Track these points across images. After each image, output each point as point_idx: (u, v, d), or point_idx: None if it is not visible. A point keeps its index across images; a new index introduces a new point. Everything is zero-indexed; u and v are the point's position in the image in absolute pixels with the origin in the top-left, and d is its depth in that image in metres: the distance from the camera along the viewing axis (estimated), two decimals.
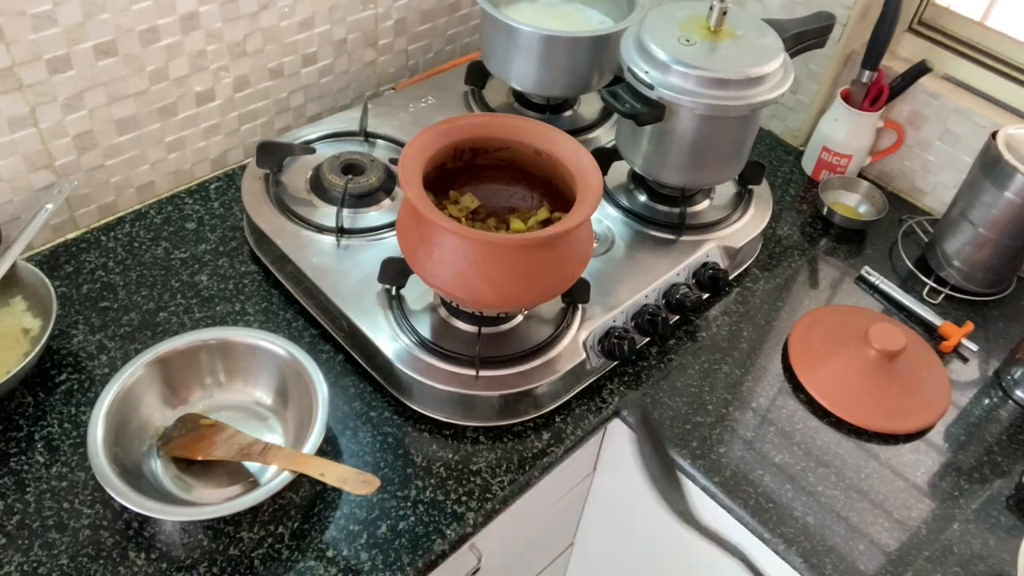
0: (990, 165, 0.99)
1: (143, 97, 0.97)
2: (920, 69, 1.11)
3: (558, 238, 0.76)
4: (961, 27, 1.15)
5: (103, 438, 0.74)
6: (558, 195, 0.88)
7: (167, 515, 0.72)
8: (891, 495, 0.86)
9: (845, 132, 1.17)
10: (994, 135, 1.00)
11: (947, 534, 0.83)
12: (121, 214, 1.04)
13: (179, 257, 0.99)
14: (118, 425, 0.76)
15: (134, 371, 0.79)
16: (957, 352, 1.01)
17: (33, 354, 0.81)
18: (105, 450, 0.73)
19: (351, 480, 0.72)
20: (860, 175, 1.22)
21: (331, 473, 0.72)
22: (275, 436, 0.83)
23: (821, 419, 0.92)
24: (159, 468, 0.79)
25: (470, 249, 0.76)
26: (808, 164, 1.23)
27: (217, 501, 0.77)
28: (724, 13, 0.93)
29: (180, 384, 0.83)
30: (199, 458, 0.78)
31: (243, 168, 1.09)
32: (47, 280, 0.86)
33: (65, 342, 0.90)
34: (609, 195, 1.06)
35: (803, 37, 1.01)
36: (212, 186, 1.09)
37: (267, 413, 0.85)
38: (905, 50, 1.19)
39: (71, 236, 1.00)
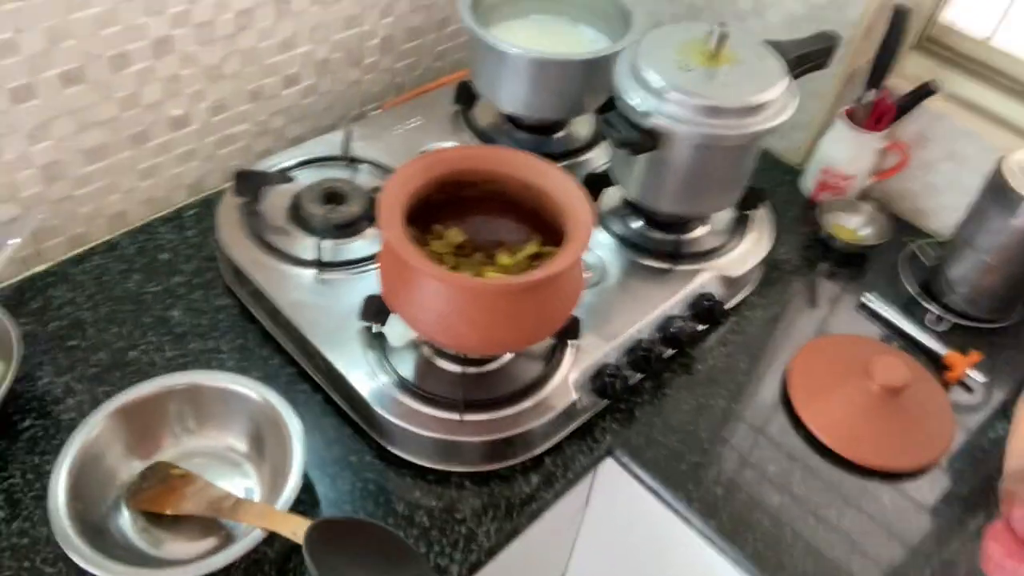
0: (997, 192, 0.96)
1: (114, 124, 0.93)
2: (926, 90, 1.07)
3: (546, 281, 0.71)
4: (968, 46, 1.11)
5: (65, 500, 0.69)
6: (548, 228, 0.84)
7: None
8: (895, 537, 0.82)
9: (847, 153, 1.13)
10: (1001, 161, 0.96)
11: None
12: (91, 245, 0.99)
13: (151, 291, 0.95)
14: (82, 480, 0.72)
15: (95, 424, 0.74)
16: (962, 383, 0.98)
17: None
18: (67, 510, 0.69)
19: None
20: (862, 196, 1.18)
21: (304, 533, 0.68)
22: (250, 482, 0.79)
23: (822, 456, 0.88)
24: (127, 522, 0.75)
25: (453, 294, 0.72)
26: (808, 185, 1.19)
27: (188, 557, 0.73)
28: (724, 37, 0.88)
29: (148, 433, 0.78)
30: (168, 512, 0.74)
31: (221, 193, 1.05)
32: (8, 323, 0.82)
33: (30, 385, 0.85)
34: (601, 221, 1.02)
35: (805, 59, 0.97)
36: (188, 213, 1.05)
37: (241, 460, 0.80)
38: (910, 69, 1.15)
39: (38, 270, 0.96)
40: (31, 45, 0.82)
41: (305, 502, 0.79)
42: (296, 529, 0.68)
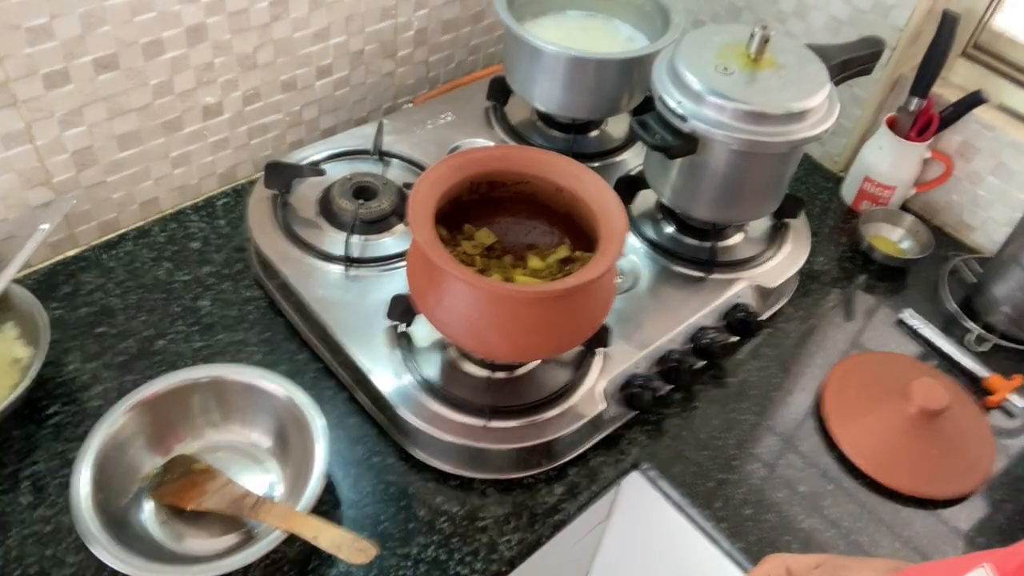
0: None
1: (146, 111, 0.92)
2: (974, 99, 1.03)
3: (578, 289, 0.70)
4: (1019, 53, 1.07)
5: (87, 492, 0.69)
6: (580, 232, 0.82)
7: (150, 572, 0.67)
8: None
9: (889, 162, 1.09)
10: None
11: None
12: (123, 231, 0.99)
13: (181, 280, 0.95)
14: (104, 472, 0.72)
15: (119, 415, 0.74)
16: (1003, 408, 0.95)
17: (21, 387, 0.77)
18: (90, 501, 0.69)
19: (346, 547, 0.67)
20: (903, 207, 1.15)
21: (325, 537, 0.68)
22: (272, 478, 0.78)
23: (855, 479, 0.86)
24: (148, 514, 0.75)
25: (482, 299, 0.70)
26: (848, 193, 1.16)
27: (208, 553, 0.73)
28: (766, 41, 0.86)
29: (171, 425, 0.78)
30: (189, 508, 0.74)
31: (252, 183, 1.04)
32: (40, 306, 0.82)
33: (58, 371, 0.85)
34: (635, 225, 1.00)
35: (850, 64, 0.94)
36: (219, 202, 1.04)
37: (264, 456, 0.80)
38: (958, 76, 1.11)
39: (70, 254, 0.96)
40: (66, 31, 0.81)
41: (327, 502, 0.78)
42: (316, 533, 0.68)
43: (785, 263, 0.98)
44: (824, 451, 0.88)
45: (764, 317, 0.99)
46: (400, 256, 0.91)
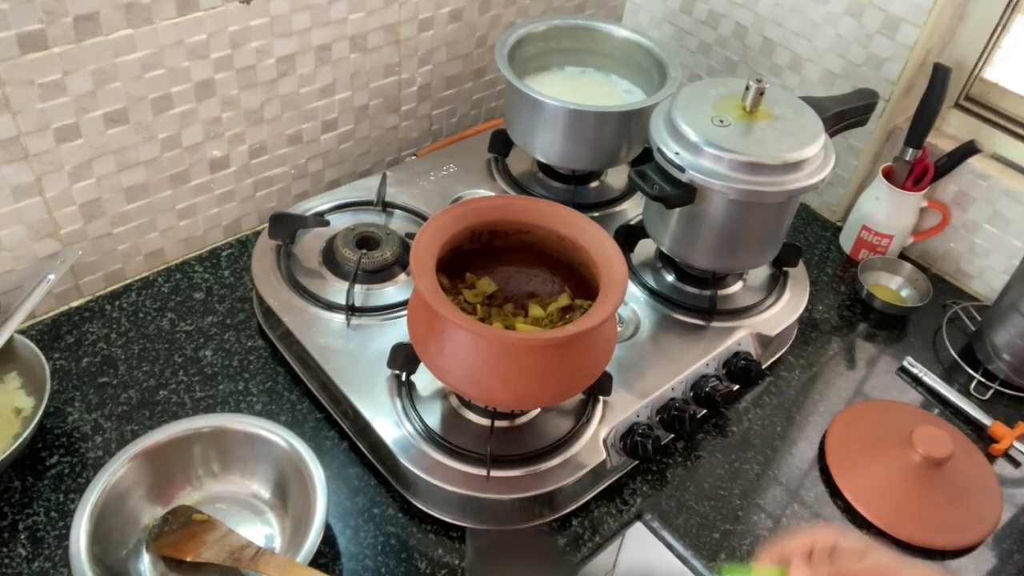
0: None
1: (154, 164, 0.94)
2: (968, 149, 1.05)
3: (579, 336, 0.70)
4: (1011, 104, 1.09)
5: (86, 544, 0.69)
6: (580, 281, 0.83)
7: None
8: None
9: (887, 211, 1.11)
10: None
11: None
12: (128, 282, 1.00)
13: (184, 330, 0.95)
14: (103, 523, 0.72)
15: (119, 466, 0.74)
16: (1008, 455, 0.94)
17: (23, 438, 0.77)
18: (88, 554, 0.68)
19: None
20: (902, 255, 1.16)
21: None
22: (272, 530, 0.78)
23: (860, 529, 0.85)
24: (147, 566, 0.74)
25: (483, 347, 0.71)
26: (847, 242, 1.17)
27: None
28: (761, 93, 0.88)
29: (171, 476, 0.78)
30: (188, 559, 0.73)
31: (257, 234, 1.06)
32: (42, 357, 0.82)
33: (59, 420, 0.85)
34: (635, 274, 1.01)
35: (844, 116, 0.96)
36: (224, 253, 1.05)
37: (264, 507, 0.79)
38: (951, 127, 1.14)
39: (75, 304, 0.97)
40: (78, 86, 0.83)
41: (327, 555, 0.77)
42: None
43: (785, 311, 0.99)
44: (828, 501, 0.87)
45: (765, 365, 0.99)
46: (402, 305, 0.92)
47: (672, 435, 0.89)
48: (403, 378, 0.84)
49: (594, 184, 1.14)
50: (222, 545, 0.73)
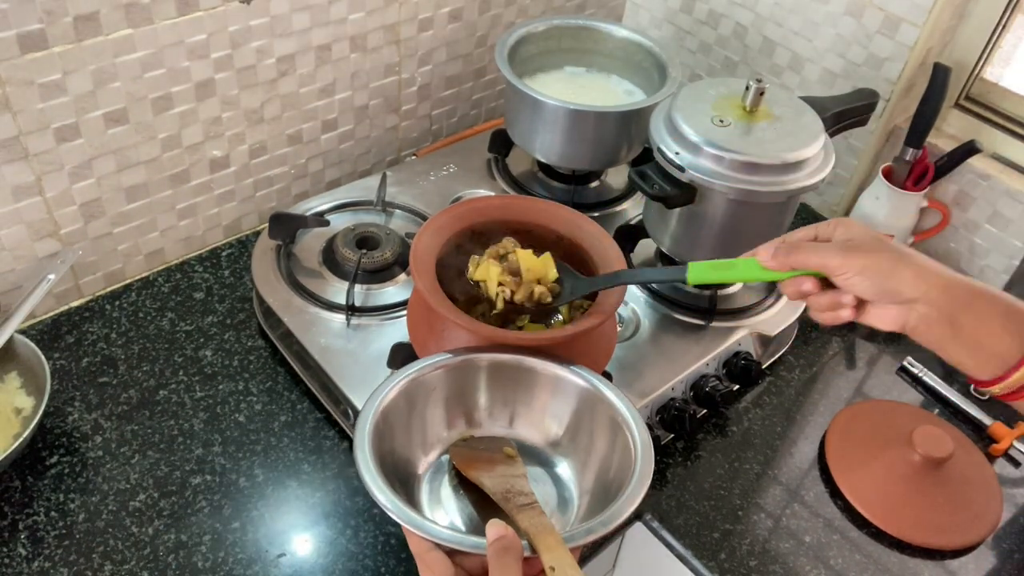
0: None
1: (154, 164, 0.94)
2: (969, 149, 1.05)
3: (579, 336, 0.70)
4: (1012, 104, 1.09)
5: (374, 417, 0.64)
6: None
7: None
8: None
9: (886, 211, 1.11)
10: None
11: None
12: (128, 282, 1.00)
13: (184, 330, 0.95)
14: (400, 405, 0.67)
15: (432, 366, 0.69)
16: (1008, 455, 0.94)
17: (23, 438, 0.76)
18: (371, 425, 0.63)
19: None
20: None
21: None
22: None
23: (860, 529, 0.85)
24: (429, 462, 0.69)
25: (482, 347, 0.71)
26: None
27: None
28: (762, 93, 0.88)
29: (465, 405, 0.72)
30: (470, 475, 0.67)
31: (257, 234, 1.06)
32: (43, 357, 0.82)
33: (59, 420, 0.85)
34: None
35: (844, 116, 0.96)
36: (224, 253, 1.05)
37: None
38: (952, 127, 1.14)
39: (75, 304, 0.97)
40: (78, 86, 0.83)
41: (326, 555, 0.77)
42: (555, 564, 0.57)
43: (785, 311, 0.99)
44: (828, 501, 0.87)
45: (765, 365, 0.99)
46: (402, 305, 0.92)
47: (672, 435, 0.90)
48: None
49: (594, 184, 1.14)
50: (504, 481, 0.67)
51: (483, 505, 0.67)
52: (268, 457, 0.84)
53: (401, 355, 0.83)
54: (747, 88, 0.89)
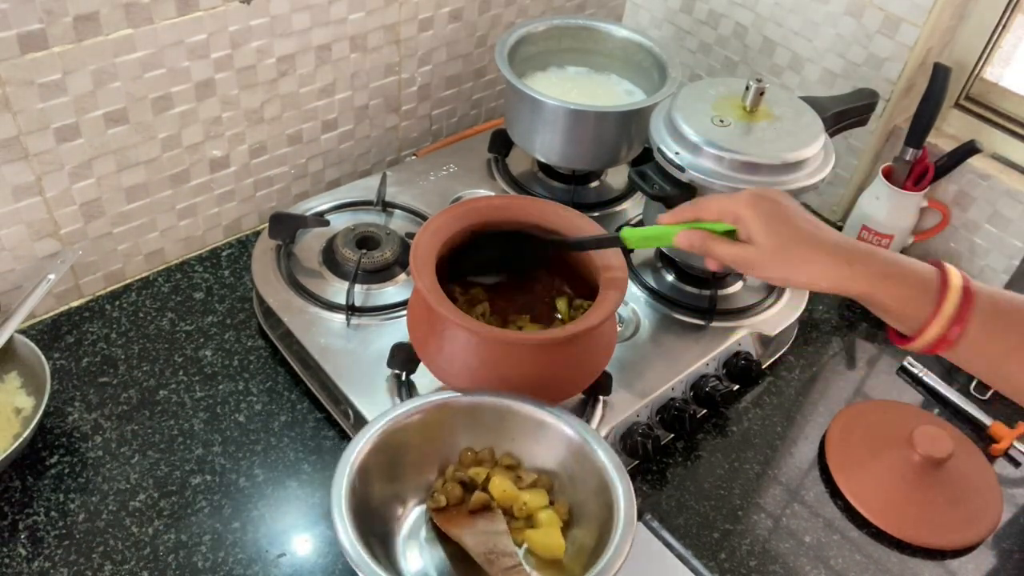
0: None
1: (154, 164, 0.94)
2: (968, 149, 1.05)
3: (579, 336, 0.70)
4: (1012, 104, 1.09)
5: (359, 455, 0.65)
6: (580, 280, 0.83)
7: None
8: None
9: (887, 211, 1.11)
10: None
11: None
12: (128, 282, 1.00)
13: (184, 330, 0.95)
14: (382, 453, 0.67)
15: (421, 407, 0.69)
16: (1008, 455, 0.94)
17: (23, 438, 0.76)
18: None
19: None
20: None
21: None
22: None
23: (860, 529, 0.85)
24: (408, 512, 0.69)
25: (483, 346, 0.71)
26: None
27: None
28: (761, 93, 0.88)
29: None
30: (451, 532, 0.67)
31: (257, 234, 1.06)
32: (43, 357, 0.82)
33: (59, 420, 0.85)
34: (635, 274, 1.00)
35: (844, 116, 0.96)
36: (224, 253, 1.05)
37: None
38: (952, 127, 1.14)
39: (75, 304, 0.97)
40: (78, 86, 0.83)
41: (325, 555, 0.77)
42: None
43: (785, 311, 0.99)
44: (828, 501, 0.87)
45: (765, 365, 0.99)
46: (402, 305, 0.92)
47: (672, 435, 0.90)
48: (403, 378, 0.84)
49: (594, 184, 1.14)
50: (487, 540, 0.66)
51: (460, 558, 0.67)
52: (268, 457, 0.84)
53: (402, 355, 0.83)
54: (747, 88, 0.89)
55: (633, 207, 1.11)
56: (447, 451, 0.72)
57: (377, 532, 0.66)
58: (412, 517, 0.71)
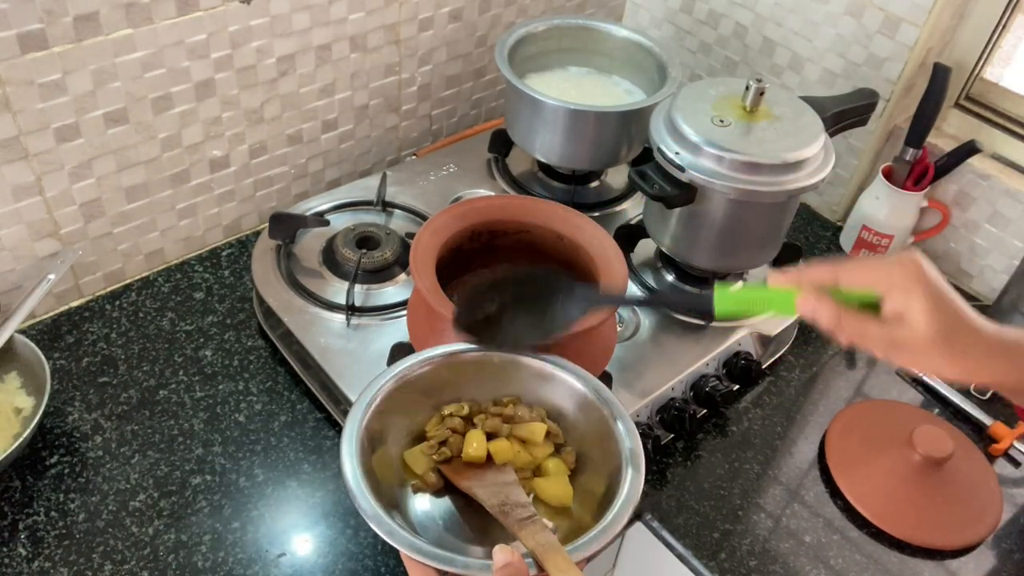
0: None
1: (154, 164, 0.94)
2: (969, 149, 1.05)
3: (579, 336, 0.70)
4: (1012, 104, 1.09)
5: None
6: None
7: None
8: None
9: (887, 211, 1.11)
10: None
11: None
12: (128, 281, 1.00)
13: (184, 329, 0.95)
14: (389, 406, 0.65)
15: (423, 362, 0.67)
16: (1008, 455, 0.94)
17: (23, 438, 0.76)
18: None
19: None
20: None
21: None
22: None
23: (861, 529, 0.85)
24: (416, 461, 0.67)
25: None
26: (847, 242, 1.17)
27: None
28: (761, 93, 0.88)
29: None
30: (461, 485, 0.65)
31: (257, 234, 1.06)
32: (43, 357, 0.82)
33: (59, 420, 0.85)
34: (635, 273, 1.01)
35: (844, 116, 0.96)
36: (224, 253, 1.05)
37: None
38: (952, 127, 1.14)
39: (75, 304, 0.97)
40: (78, 86, 0.83)
41: (326, 554, 0.77)
42: None
43: None
44: (828, 500, 0.87)
45: (765, 365, 0.99)
46: (402, 305, 0.92)
47: (672, 435, 0.90)
48: None
49: (594, 184, 1.14)
50: (498, 491, 0.64)
51: (471, 512, 0.65)
52: (268, 457, 0.84)
53: (401, 355, 0.82)
54: (747, 88, 0.89)
55: (633, 207, 1.11)
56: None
57: (386, 490, 0.65)
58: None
